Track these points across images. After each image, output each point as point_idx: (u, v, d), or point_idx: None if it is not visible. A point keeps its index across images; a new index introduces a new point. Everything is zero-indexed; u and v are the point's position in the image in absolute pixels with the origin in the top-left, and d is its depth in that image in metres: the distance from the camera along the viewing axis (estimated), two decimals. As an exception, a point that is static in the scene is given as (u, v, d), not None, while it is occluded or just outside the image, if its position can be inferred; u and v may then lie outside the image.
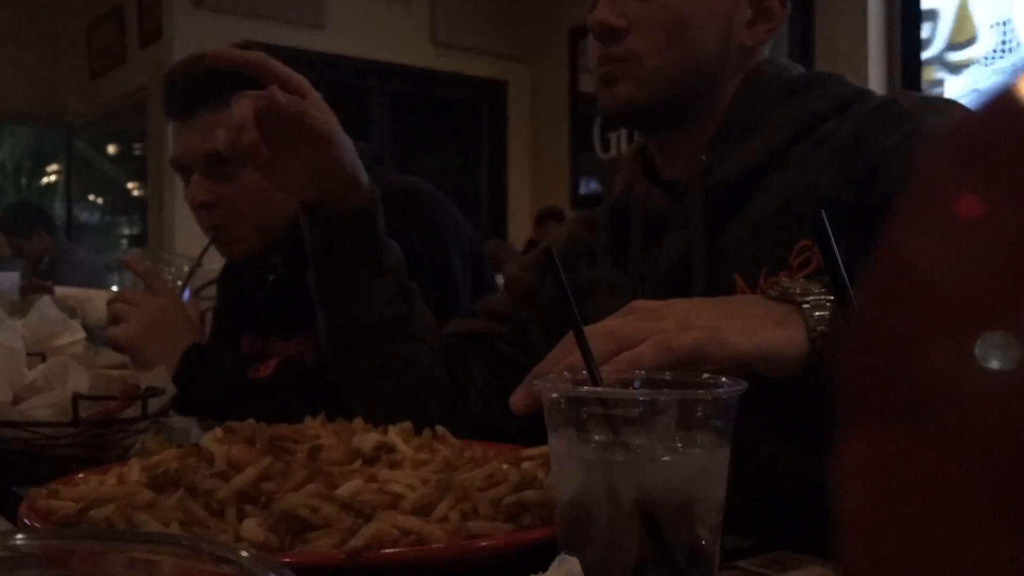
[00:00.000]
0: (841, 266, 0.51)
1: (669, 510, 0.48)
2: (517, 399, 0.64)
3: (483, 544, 0.55)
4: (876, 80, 4.20)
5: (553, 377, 0.55)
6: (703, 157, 0.93)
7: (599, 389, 0.54)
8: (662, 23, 0.92)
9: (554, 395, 0.52)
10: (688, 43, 0.92)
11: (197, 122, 1.29)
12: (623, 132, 5.24)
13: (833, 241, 0.52)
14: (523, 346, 1.04)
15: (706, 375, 0.55)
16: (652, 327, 0.65)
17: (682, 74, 0.93)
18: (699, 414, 0.50)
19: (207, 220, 1.34)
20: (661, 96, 0.93)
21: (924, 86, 4.16)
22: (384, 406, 0.96)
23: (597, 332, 0.64)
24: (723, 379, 0.53)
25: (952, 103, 0.91)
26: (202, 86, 1.28)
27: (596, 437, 0.50)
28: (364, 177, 0.95)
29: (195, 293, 1.50)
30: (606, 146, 5.55)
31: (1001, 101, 0.16)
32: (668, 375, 0.57)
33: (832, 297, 0.66)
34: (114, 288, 3.05)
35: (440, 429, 0.77)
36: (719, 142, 0.93)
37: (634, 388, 0.57)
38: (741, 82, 0.95)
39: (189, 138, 1.30)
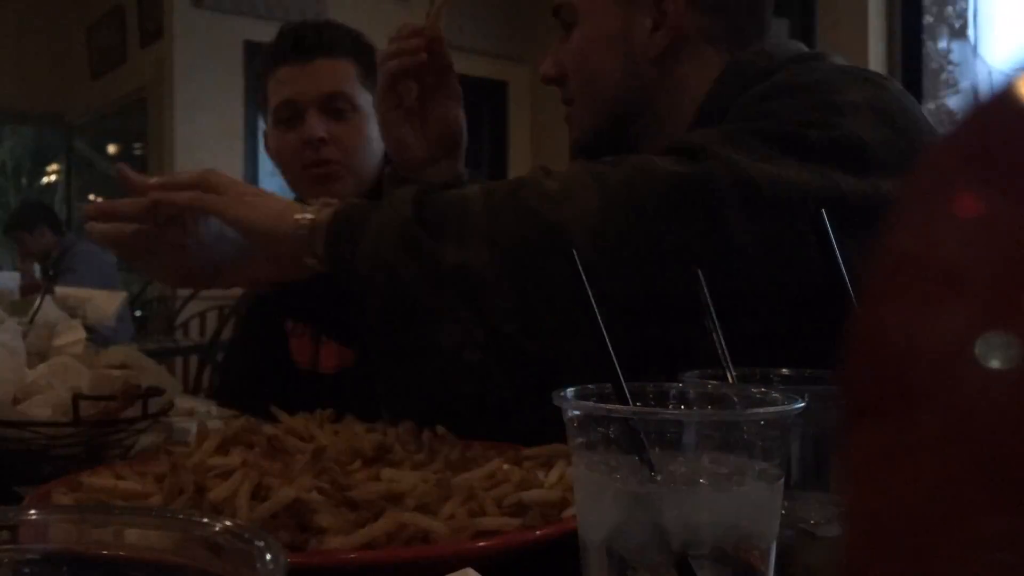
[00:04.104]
0: (841, 265, 0.51)
1: (708, 551, 0.40)
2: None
3: (488, 543, 0.55)
4: (876, 57, 4.09)
5: (575, 391, 0.46)
6: None
7: (629, 408, 0.45)
8: (574, 66, 0.94)
9: (576, 412, 0.44)
10: (594, 77, 0.92)
11: (316, 66, 1.40)
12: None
13: (833, 240, 0.52)
14: None
15: (756, 389, 0.47)
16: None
17: (606, 107, 0.93)
18: (746, 436, 0.42)
19: (313, 157, 1.39)
20: (601, 131, 0.94)
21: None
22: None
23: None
24: (774, 394, 0.45)
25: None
26: (326, 37, 1.41)
27: (624, 463, 0.43)
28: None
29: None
30: (606, 146, 5.54)
31: (1003, 98, 0.16)
32: (710, 386, 0.49)
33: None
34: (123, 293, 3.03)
35: (440, 429, 0.77)
36: None
37: (671, 404, 0.47)
38: (713, 82, 0.88)
39: (307, 80, 1.40)
